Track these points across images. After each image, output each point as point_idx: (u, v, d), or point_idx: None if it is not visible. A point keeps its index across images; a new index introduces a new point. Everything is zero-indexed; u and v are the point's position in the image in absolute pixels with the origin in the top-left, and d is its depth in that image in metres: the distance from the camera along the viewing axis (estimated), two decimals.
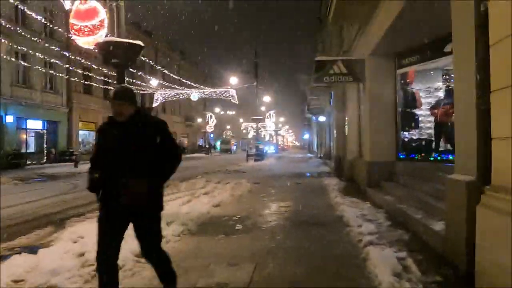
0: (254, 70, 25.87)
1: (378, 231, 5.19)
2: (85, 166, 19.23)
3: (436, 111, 8.62)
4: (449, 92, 8.43)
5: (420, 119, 9.41)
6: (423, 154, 8.58)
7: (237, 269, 3.86)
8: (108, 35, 6.53)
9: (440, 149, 8.43)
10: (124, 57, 6.02)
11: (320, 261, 4.09)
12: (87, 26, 6.33)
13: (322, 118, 27.83)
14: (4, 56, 19.53)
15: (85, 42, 6.41)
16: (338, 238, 5.01)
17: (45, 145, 25.28)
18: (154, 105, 28.67)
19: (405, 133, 9.20)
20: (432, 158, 8.21)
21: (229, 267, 3.92)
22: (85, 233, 5.28)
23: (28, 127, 23.95)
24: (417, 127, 9.33)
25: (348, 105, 12.91)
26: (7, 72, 21.39)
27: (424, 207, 5.81)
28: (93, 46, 6.36)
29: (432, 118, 9.38)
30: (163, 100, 27.33)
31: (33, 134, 24.66)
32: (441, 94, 9.51)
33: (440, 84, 9.71)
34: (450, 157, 7.62)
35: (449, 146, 8.25)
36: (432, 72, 9.49)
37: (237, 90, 30.22)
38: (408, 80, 9.19)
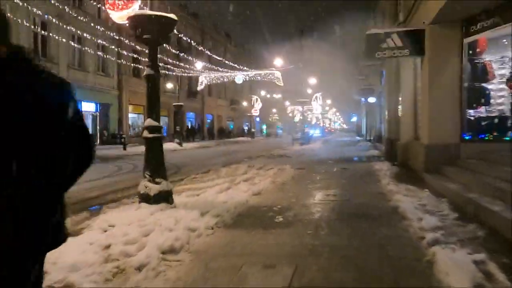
0: (299, 51, 24.75)
1: (443, 226, 4.39)
2: (133, 149, 19.64)
3: None
4: None
5: (491, 94, 8.21)
6: (495, 133, 7.45)
7: (273, 272, 3.29)
8: (144, 9, 6.14)
9: None
10: (156, 32, 5.57)
11: (373, 265, 3.41)
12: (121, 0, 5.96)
13: (371, 99, 26.28)
14: (63, 40, 20.27)
15: (119, 17, 6.08)
16: (395, 235, 4.26)
17: (97, 127, 26.25)
18: (199, 88, 28.69)
19: (471, 111, 8.05)
20: (508, 138, 7.08)
21: (264, 269, 3.37)
22: (117, 221, 5.00)
23: (82, 109, 24.91)
24: (488, 103, 8.15)
25: (402, 84, 11.72)
26: (64, 54, 22.27)
27: (501, 196, 4.86)
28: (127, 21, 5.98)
29: (505, 93, 8.15)
30: (208, 83, 27.13)
31: (87, 116, 25.67)
32: None
33: None
34: None
35: None
36: (505, 40, 8.18)
37: (283, 73, 29.37)
38: (478, 50, 7.99)
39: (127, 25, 5.79)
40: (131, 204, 5.98)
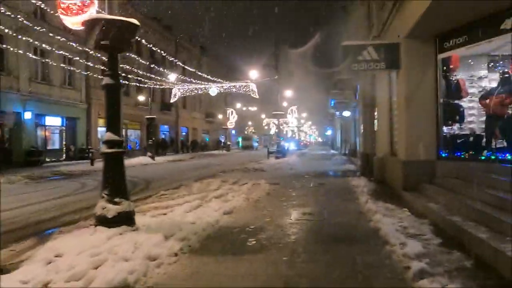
0: (274, 63, 24.67)
1: (428, 253, 4.05)
2: (102, 164, 18.70)
3: (487, 101, 7.31)
4: (505, 80, 7.11)
5: (465, 111, 8.13)
6: (471, 152, 7.29)
7: None
8: (102, 13, 5.63)
9: (493, 146, 7.13)
10: (115, 38, 5.07)
11: None
12: (75, 3, 5.42)
13: (346, 113, 26.39)
14: (22, 52, 19.21)
15: (74, 22, 5.50)
16: (378, 263, 3.88)
17: (64, 142, 25.01)
18: (172, 100, 28.01)
19: (447, 127, 7.92)
20: (483, 157, 6.93)
21: None
22: (66, 249, 4.39)
23: (47, 123, 23.70)
24: (462, 121, 8.05)
25: (377, 98, 11.62)
26: (26, 68, 21.12)
27: (484, 220, 4.60)
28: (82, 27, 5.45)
29: (479, 111, 8.07)
30: (182, 95, 26.55)
31: (52, 131, 24.44)
32: (486, 83, 8.19)
33: (485, 72, 8.37)
34: (509, 156, 6.34)
35: (504, 143, 6.95)
36: (479, 57, 8.17)
37: (259, 86, 29.17)
38: (451, 67, 7.91)
39: (83, 31, 5.25)
40: (88, 228, 5.36)
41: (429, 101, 7.81)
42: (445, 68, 7.89)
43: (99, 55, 23.48)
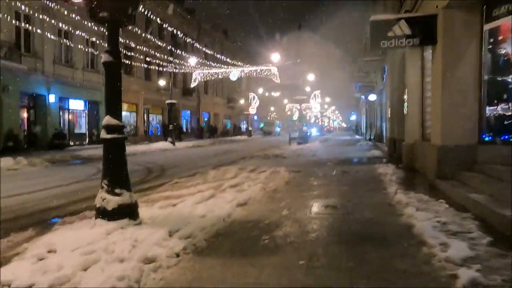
0: (297, 46, 23.70)
1: (478, 257, 3.38)
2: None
3: None
4: None
5: None
6: None
7: None
8: None
9: None
10: (114, 9, 4.51)
11: None
12: None
13: (372, 97, 25.25)
14: (47, 34, 19.19)
15: None
16: (414, 271, 3.22)
17: (87, 126, 25.14)
18: (193, 85, 27.59)
19: (492, 108, 7.01)
20: None
21: None
22: (61, 244, 3.98)
23: (70, 107, 23.81)
24: (511, 100, 7.10)
25: (408, 79, 10.68)
26: (50, 49, 21.14)
27: None
28: None
29: None
30: (202, 80, 26.06)
31: (75, 114, 24.57)
32: None
33: None
34: None
35: None
36: None
37: (281, 70, 28.30)
38: (500, 38, 6.92)
39: (82, 2, 4.72)
40: (90, 220, 4.93)
41: (471, 78, 6.94)
42: (492, 40, 6.94)
43: (123, 39, 23.44)
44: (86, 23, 19.70)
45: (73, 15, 18.71)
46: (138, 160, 14.94)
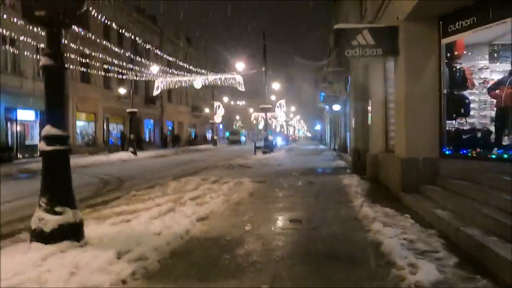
0: (262, 55, 23.66)
1: (446, 280, 3.19)
2: (77, 160, 17.47)
3: (498, 92, 6.47)
4: None
5: (471, 104, 7.30)
6: (478, 150, 6.46)
7: None
8: None
9: (505, 142, 6.32)
10: (55, 7, 4.03)
11: None
12: None
13: (336, 107, 25.57)
14: None
15: None
16: None
17: (38, 137, 23.58)
18: (155, 93, 26.80)
19: (450, 121, 7.07)
20: (494, 156, 6.09)
21: None
22: None
23: (18, 117, 22.17)
24: (468, 114, 7.22)
25: (371, 89, 10.75)
26: None
27: (507, 234, 3.74)
28: None
29: (488, 103, 7.27)
30: (165, 88, 25.39)
31: (26, 125, 22.95)
32: (487, 74, 7.42)
33: (486, 62, 7.57)
34: None
35: None
36: (481, 46, 7.37)
37: (246, 79, 28.18)
38: (456, 53, 7.05)
39: None
40: (25, 243, 4.33)
41: (432, 91, 6.96)
42: (449, 55, 7.03)
43: (79, 46, 22.35)
44: (35, 29, 18.61)
45: (17, 20, 17.54)
46: (95, 172, 14.10)
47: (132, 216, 5.83)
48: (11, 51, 20.01)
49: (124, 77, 26.50)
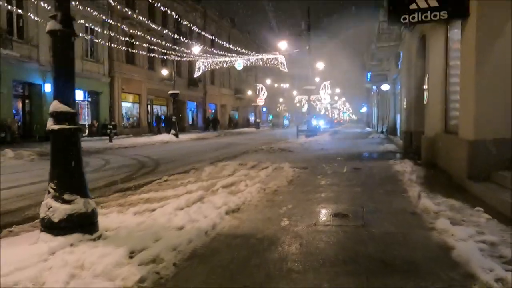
0: (306, 33, 22.41)
1: None
2: (121, 141, 17.67)
3: None
4: None
5: None
6: None
7: None
8: None
9: None
10: None
11: None
12: None
13: (385, 87, 23.90)
14: (42, 20, 18.26)
15: None
16: None
17: (86, 117, 24.29)
18: (196, 74, 26.51)
19: None
20: None
21: None
22: None
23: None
24: None
25: (429, 63, 9.46)
26: (45, 37, 20.03)
27: None
28: None
29: None
30: (206, 69, 24.99)
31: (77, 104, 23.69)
32: None
33: None
34: None
35: None
36: None
37: (290, 60, 27.07)
38: None
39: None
40: (35, 232, 3.93)
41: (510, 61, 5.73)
42: None
43: (123, 26, 22.49)
44: (86, 8, 18.78)
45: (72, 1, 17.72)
46: (134, 154, 14.01)
47: (158, 204, 5.31)
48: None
49: (167, 58, 26.45)
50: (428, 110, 9.63)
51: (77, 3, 17.83)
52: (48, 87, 20.30)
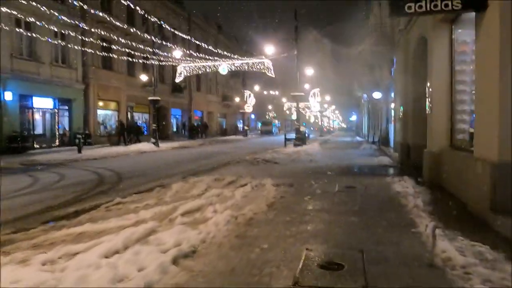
0: (294, 37, 21.27)
1: None
2: (92, 151, 16.04)
3: None
4: None
5: None
6: None
7: None
8: None
9: None
10: None
11: None
12: None
13: (377, 95, 22.80)
14: (2, 25, 16.70)
15: None
16: None
17: (57, 126, 22.56)
18: (178, 79, 25.12)
19: None
20: None
21: None
22: None
23: (35, 105, 21.09)
24: None
25: (433, 67, 8.26)
26: (6, 42, 18.43)
27: None
28: None
29: None
30: (188, 74, 23.65)
31: (41, 113, 21.85)
32: None
33: None
34: None
35: None
36: None
37: (278, 67, 25.94)
38: None
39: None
40: None
41: None
42: None
43: (98, 30, 21.03)
44: (53, 12, 17.35)
45: (35, 3, 16.27)
46: (99, 166, 12.52)
47: (85, 245, 3.93)
48: (27, 35, 18.82)
49: (148, 63, 25.02)
50: (431, 122, 8.42)
51: (43, 8, 16.42)
52: (8, 96, 18.42)
